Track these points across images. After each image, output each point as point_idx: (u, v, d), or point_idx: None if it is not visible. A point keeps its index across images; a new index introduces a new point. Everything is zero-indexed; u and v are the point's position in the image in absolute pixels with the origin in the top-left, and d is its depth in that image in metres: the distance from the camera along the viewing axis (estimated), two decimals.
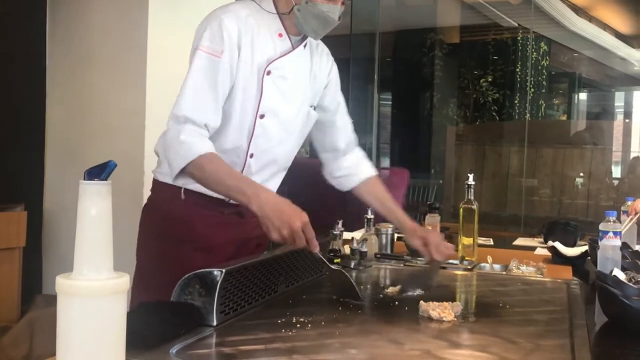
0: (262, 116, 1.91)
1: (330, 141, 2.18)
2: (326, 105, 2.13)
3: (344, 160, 2.19)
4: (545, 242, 2.84)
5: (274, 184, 2.05)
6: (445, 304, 1.59)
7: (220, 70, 1.83)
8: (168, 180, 1.91)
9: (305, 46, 1.99)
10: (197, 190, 1.90)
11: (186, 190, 1.92)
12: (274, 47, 1.92)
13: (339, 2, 1.88)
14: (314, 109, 2.07)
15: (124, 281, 1.06)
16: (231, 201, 1.90)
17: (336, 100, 2.16)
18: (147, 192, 2.09)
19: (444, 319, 1.54)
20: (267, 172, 1.99)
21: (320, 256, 1.74)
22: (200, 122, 1.80)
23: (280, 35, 1.93)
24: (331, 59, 2.14)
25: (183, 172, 1.77)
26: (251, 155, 1.94)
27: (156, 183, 2.02)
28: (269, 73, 1.90)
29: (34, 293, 3.22)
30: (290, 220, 1.64)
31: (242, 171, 1.93)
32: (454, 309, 1.58)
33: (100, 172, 1.08)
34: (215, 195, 1.87)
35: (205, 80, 1.82)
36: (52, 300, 1.07)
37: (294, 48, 1.95)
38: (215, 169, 1.77)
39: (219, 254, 1.91)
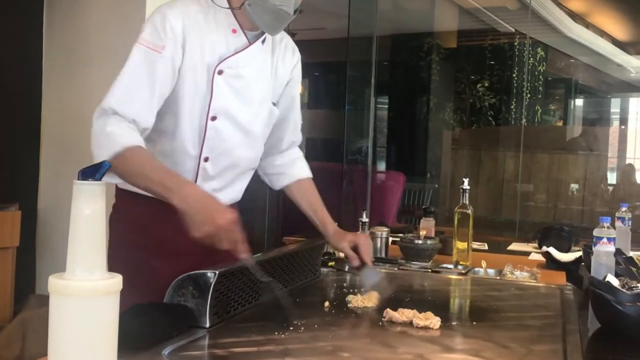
0: (213, 118, 1.79)
1: (276, 137, 2.04)
2: (281, 101, 2.00)
3: (278, 158, 2.07)
4: (540, 247, 2.85)
5: (240, 188, 1.96)
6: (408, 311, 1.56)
7: (159, 65, 1.71)
8: (129, 187, 1.79)
9: (264, 41, 1.86)
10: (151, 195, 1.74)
11: (140, 194, 1.75)
12: (226, 44, 1.79)
13: None
14: (275, 105, 1.95)
15: (117, 282, 1.06)
16: None
17: (291, 95, 2.02)
18: None
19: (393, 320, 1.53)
20: (229, 176, 1.88)
21: (251, 265, 1.57)
22: (128, 116, 1.67)
23: (235, 31, 1.81)
24: (297, 54, 2.01)
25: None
26: (206, 159, 1.82)
27: (118, 190, 1.90)
28: (220, 72, 1.78)
29: (27, 293, 3.21)
30: (213, 216, 1.53)
31: (196, 175, 1.82)
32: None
33: (94, 172, 1.07)
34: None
35: (141, 75, 1.70)
36: (45, 300, 1.07)
37: (250, 44, 1.83)
38: (140, 162, 1.64)
39: (184, 259, 1.77)
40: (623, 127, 9.58)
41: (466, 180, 2.43)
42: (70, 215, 1.04)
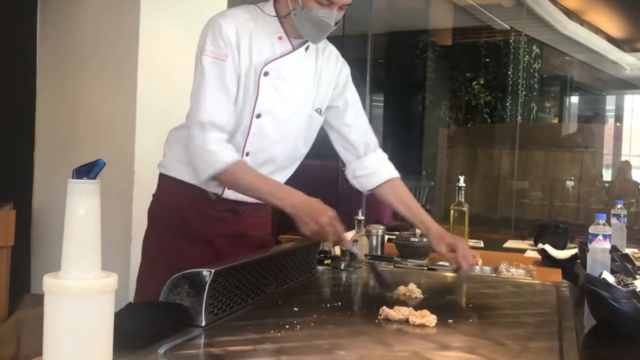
0: (258, 115, 1.95)
1: (347, 140, 2.19)
2: (335, 105, 2.14)
3: (365, 160, 2.19)
4: (536, 244, 2.85)
5: None
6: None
7: (227, 73, 1.89)
8: (170, 173, 2.02)
9: (307, 49, 2.01)
10: (193, 184, 1.97)
11: (185, 183, 1.98)
12: (272, 49, 1.95)
13: (334, 8, 1.89)
14: (320, 113, 2.09)
15: (112, 281, 1.06)
16: (223, 196, 1.98)
17: (344, 99, 2.16)
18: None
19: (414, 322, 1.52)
20: (264, 170, 2.00)
21: (353, 251, 1.95)
22: (223, 127, 1.87)
23: (280, 38, 1.97)
24: (341, 60, 2.17)
25: (212, 177, 1.87)
26: (247, 154, 1.97)
27: (160, 176, 2.09)
28: (266, 74, 1.93)
29: (22, 292, 3.20)
30: (316, 215, 1.77)
31: None
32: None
33: (88, 171, 1.07)
34: (209, 190, 1.97)
35: (218, 85, 1.88)
36: (40, 299, 1.07)
37: (294, 49, 1.98)
38: (246, 176, 1.89)
39: (209, 245, 1.98)
40: (618, 124, 9.61)
41: (462, 178, 2.43)
42: (65, 214, 1.03)
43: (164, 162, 2.08)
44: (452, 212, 2.43)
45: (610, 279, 1.75)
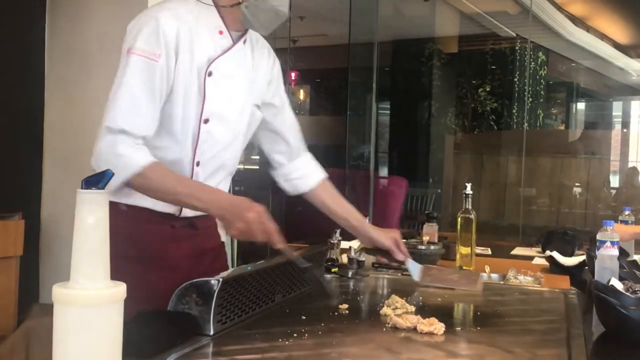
0: (206, 121, 1.78)
1: (281, 142, 2.05)
2: (272, 102, 2.00)
3: (297, 162, 2.08)
4: (543, 251, 2.85)
5: (224, 189, 1.94)
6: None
7: (158, 74, 1.70)
8: (113, 198, 1.75)
9: (245, 41, 1.86)
10: (143, 206, 1.78)
11: (131, 206, 1.78)
12: (213, 45, 1.78)
13: None
14: (258, 108, 1.95)
15: (121, 290, 1.06)
16: (182, 214, 1.82)
17: (279, 96, 2.02)
18: None
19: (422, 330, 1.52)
20: (215, 179, 1.87)
21: (288, 253, 1.69)
22: (137, 135, 1.68)
23: (221, 32, 1.80)
24: (272, 53, 2.00)
25: (124, 184, 1.67)
26: (197, 164, 1.81)
27: None
28: (210, 74, 1.76)
29: (31, 302, 3.21)
30: (242, 213, 1.62)
31: None
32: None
33: (97, 181, 1.08)
34: (163, 210, 1.79)
35: (142, 87, 1.69)
36: (48, 309, 1.07)
37: (234, 44, 1.82)
38: (163, 179, 1.69)
39: (175, 270, 1.78)
40: (625, 130, 9.58)
41: (469, 185, 2.43)
42: (74, 224, 1.04)
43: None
44: (459, 219, 2.43)
45: (619, 285, 1.74)
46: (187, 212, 1.83)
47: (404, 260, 2.07)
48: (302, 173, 2.09)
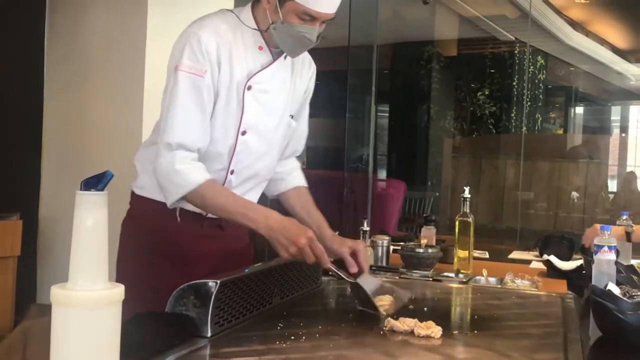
0: (243, 132, 1.86)
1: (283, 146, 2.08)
2: (297, 114, 2.06)
3: (279, 165, 2.08)
4: (541, 255, 2.85)
5: (254, 196, 2.00)
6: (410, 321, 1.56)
7: (205, 90, 1.79)
8: (146, 194, 1.91)
9: (285, 57, 1.93)
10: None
11: (163, 203, 1.85)
12: (253, 60, 1.86)
13: (317, 23, 1.79)
14: (292, 118, 2.01)
15: (119, 292, 1.06)
16: (208, 215, 1.88)
17: (305, 105, 2.09)
18: None
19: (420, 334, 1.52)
20: (247, 185, 1.95)
21: (335, 270, 1.76)
22: (193, 148, 1.78)
23: (261, 48, 1.88)
24: (313, 66, 2.07)
25: (181, 198, 1.78)
26: (232, 172, 1.90)
27: (134, 197, 1.97)
28: (249, 88, 1.84)
29: (28, 303, 3.21)
30: (295, 237, 1.68)
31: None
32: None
33: (97, 182, 1.08)
34: (192, 208, 1.86)
35: (192, 103, 1.78)
36: (46, 310, 1.07)
37: (274, 60, 1.90)
38: (216, 196, 1.79)
39: (200, 267, 1.86)
40: (624, 134, 9.59)
41: (467, 189, 2.43)
42: (73, 226, 1.04)
43: (139, 183, 1.96)
44: (457, 222, 2.43)
45: (616, 290, 1.74)
46: None
47: (354, 274, 1.81)
48: (279, 177, 2.10)
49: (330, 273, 2.13)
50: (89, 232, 1.04)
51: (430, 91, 8.69)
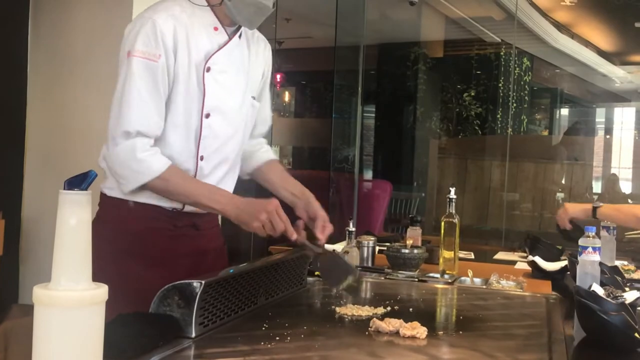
0: (207, 115, 1.84)
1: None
2: (259, 95, 2.05)
3: (247, 145, 2.07)
4: (530, 253, 2.85)
5: (229, 185, 1.98)
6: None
7: (159, 74, 1.76)
8: (117, 194, 1.87)
9: (240, 36, 1.91)
10: (148, 203, 1.84)
11: (137, 203, 1.84)
12: (210, 41, 1.84)
13: None
14: (254, 99, 2.00)
15: (102, 292, 1.06)
16: (185, 209, 1.87)
17: (266, 88, 2.08)
18: None
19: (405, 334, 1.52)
20: (219, 173, 1.92)
21: (304, 242, 1.75)
22: (151, 134, 1.76)
23: (216, 28, 1.86)
24: (268, 46, 2.06)
25: (141, 187, 1.76)
26: (201, 158, 1.87)
27: (104, 198, 1.92)
28: (208, 70, 1.82)
29: (10, 303, 3.18)
30: (262, 206, 1.69)
31: (194, 176, 1.87)
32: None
33: (80, 182, 1.07)
34: (167, 205, 1.84)
35: (147, 88, 1.75)
36: (28, 310, 1.06)
37: (230, 39, 1.88)
38: (179, 182, 1.78)
39: (174, 267, 1.84)
40: (608, 136, 9.66)
41: (453, 190, 2.43)
42: (56, 225, 1.03)
43: (107, 183, 1.90)
44: (442, 223, 2.43)
45: (600, 291, 1.75)
46: (190, 207, 1.87)
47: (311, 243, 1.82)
48: (249, 155, 2.09)
49: (317, 275, 2.13)
50: (72, 232, 1.03)
51: (417, 92, 8.71)
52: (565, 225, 2.79)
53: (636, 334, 1.54)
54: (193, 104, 1.82)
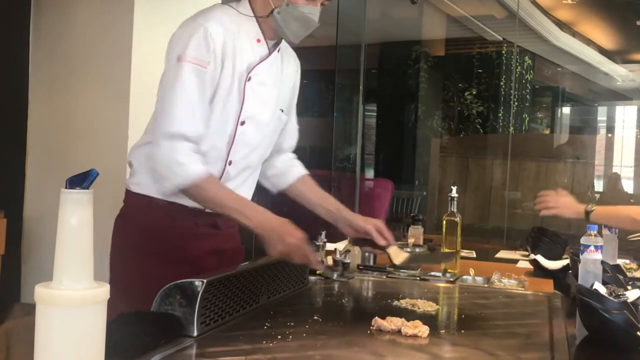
0: (242, 123, 1.89)
1: (280, 140, 2.11)
2: (288, 108, 2.09)
3: (276, 160, 2.12)
4: (532, 251, 2.84)
5: (249, 187, 2.03)
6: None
7: (207, 81, 1.80)
8: (143, 191, 1.91)
9: (279, 50, 1.97)
10: (171, 201, 1.87)
11: (160, 200, 1.88)
12: (253, 53, 1.90)
13: (318, 3, 1.86)
14: (283, 112, 2.04)
15: (104, 291, 1.05)
16: (207, 210, 1.89)
17: (294, 101, 2.13)
18: None
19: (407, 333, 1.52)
20: (243, 176, 1.97)
21: (324, 271, 1.87)
22: (194, 139, 1.79)
23: (259, 40, 1.91)
24: (297, 61, 2.11)
25: (176, 190, 1.80)
26: (230, 163, 1.91)
27: (130, 194, 1.97)
28: (249, 79, 1.88)
29: (12, 302, 3.18)
30: (285, 236, 1.72)
31: (220, 178, 1.90)
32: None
33: (82, 180, 1.07)
34: (190, 205, 1.87)
35: (196, 93, 1.79)
36: (30, 309, 1.06)
37: (270, 53, 1.94)
38: (214, 192, 1.81)
39: (193, 266, 1.86)
40: (610, 135, 9.65)
41: (454, 188, 2.43)
42: (58, 224, 1.03)
43: (135, 180, 1.95)
44: (444, 222, 2.43)
45: (602, 290, 1.75)
46: None
47: (385, 246, 2.00)
48: (280, 170, 2.13)
49: (319, 273, 2.13)
50: (74, 231, 1.03)
51: (418, 91, 8.71)
52: (547, 210, 2.71)
53: (638, 333, 1.54)
54: (231, 110, 1.86)
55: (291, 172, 2.14)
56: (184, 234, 1.91)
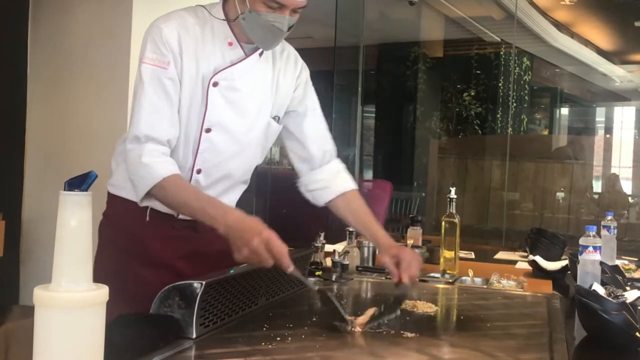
0: (208, 130, 1.81)
1: (303, 150, 2.02)
2: (296, 110, 2.00)
3: (319, 172, 2.02)
4: (531, 252, 2.85)
5: (230, 199, 1.95)
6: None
7: (169, 81, 1.76)
8: (119, 192, 1.89)
9: (261, 54, 1.87)
10: (145, 205, 1.83)
11: (135, 202, 1.81)
12: (222, 56, 1.82)
13: (286, 12, 1.73)
14: (277, 120, 1.95)
15: (103, 293, 1.05)
16: (180, 216, 1.85)
17: (304, 105, 2.01)
18: None
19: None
20: (220, 187, 1.90)
21: (298, 276, 1.64)
22: (162, 139, 1.74)
23: (231, 43, 1.83)
24: (300, 62, 2.01)
25: (149, 194, 1.73)
26: (198, 171, 1.84)
27: (109, 196, 1.94)
28: (215, 84, 1.80)
29: (11, 304, 3.18)
30: (248, 236, 1.55)
31: None
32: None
33: (80, 182, 1.07)
34: (163, 210, 1.83)
35: (157, 94, 1.75)
36: (29, 311, 1.06)
37: (247, 56, 1.84)
38: (178, 191, 1.73)
39: (170, 269, 1.83)
40: (608, 135, 9.66)
41: (453, 189, 2.43)
42: (56, 226, 1.03)
43: (113, 181, 1.92)
44: (443, 223, 2.43)
45: (601, 290, 1.75)
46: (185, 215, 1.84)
47: (396, 283, 1.80)
48: (321, 185, 2.02)
49: (317, 275, 2.13)
50: (73, 233, 1.03)
51: (416, 92, 8.71)
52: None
53: (637, 333, 1.54)
54: (194, 116, 1.80)
55: (334, 186, 2.02)
56: (160, 237, 1.86)
